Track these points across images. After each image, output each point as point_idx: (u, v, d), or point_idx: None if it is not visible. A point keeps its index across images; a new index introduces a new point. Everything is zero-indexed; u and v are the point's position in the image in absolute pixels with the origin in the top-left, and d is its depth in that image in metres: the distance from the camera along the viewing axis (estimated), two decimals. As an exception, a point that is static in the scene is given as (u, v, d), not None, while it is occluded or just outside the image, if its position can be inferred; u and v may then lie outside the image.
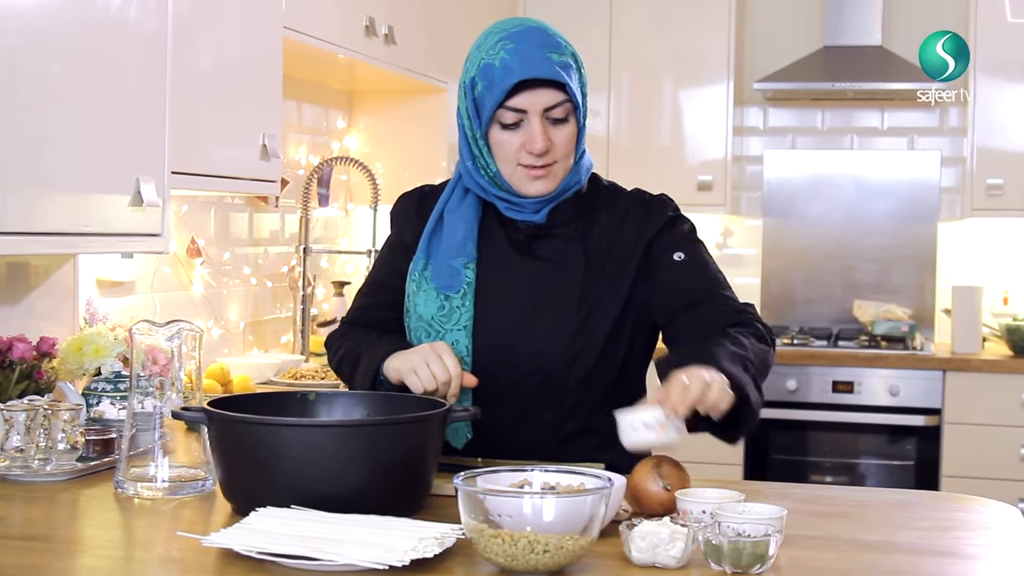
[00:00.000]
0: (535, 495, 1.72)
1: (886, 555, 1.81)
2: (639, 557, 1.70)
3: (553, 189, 2.21)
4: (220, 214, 3.93)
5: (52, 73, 2.39)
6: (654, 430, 1.93)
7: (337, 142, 4.72)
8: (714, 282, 2.27)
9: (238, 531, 1.74)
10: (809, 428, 5.12)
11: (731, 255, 5.75)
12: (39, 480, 2.24)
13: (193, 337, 2.20)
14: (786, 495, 2.19)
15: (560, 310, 2.22)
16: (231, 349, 3.96)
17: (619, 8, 5.49)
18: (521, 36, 2.14)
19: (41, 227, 2.38)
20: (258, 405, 2.05)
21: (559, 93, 2.14)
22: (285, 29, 3.39)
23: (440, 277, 2.24)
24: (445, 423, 2.03)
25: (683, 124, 5.50)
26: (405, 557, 1.62)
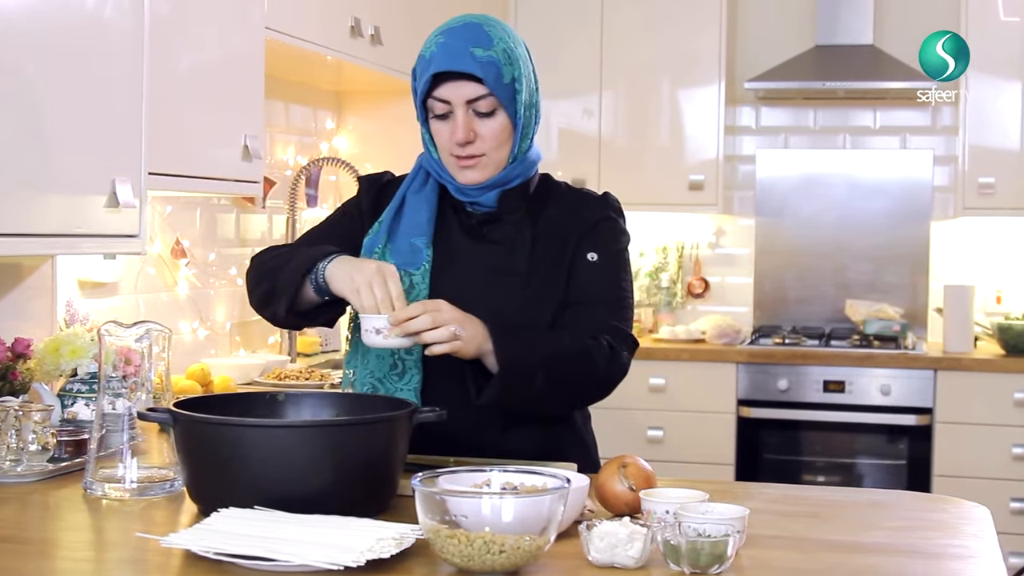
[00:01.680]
0: (492, 495, 1.71)
1: (851, 555, 1.81)
2: (597, 557, 1.70)
3: (485, 179, 2.29)
4: (206, 215, 3.93)
5: (26, 73, 2.38)
6: (382, 335, 2.09)
7: (326, 143, 4.72)
8: (608, 295, 2.33)
9: (197, 532, 1.74)
10: (800, 428, 5.12)
11: (723, 255, 5.75)
12: (9, 481, 2.23)
13: (163, 338, 2.19)
14: (755, 495, 2.19)
15: (509, 288, 2.30)
16: (217, 350, 3.96)
17: (611, 8, 5.48)
18: (454, 31, 2.23)
19: (16, 228, 2.38)
20: (226, 406, 2.05)
21: (481, 87, 2.21)
22: (267, 30, 3.39)
23: (401, 254, 2.31)
24: (411, 424, 2.02)
25: (675, 124, 5.49)
26: (361, 558, 1.62)
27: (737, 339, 5.28)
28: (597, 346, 2.25)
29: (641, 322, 5.60)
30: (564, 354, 2.22)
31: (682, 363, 5.18)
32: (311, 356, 4.25)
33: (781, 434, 5.15)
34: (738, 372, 5.11)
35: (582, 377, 2.26)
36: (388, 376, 2.29)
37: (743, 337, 5.35)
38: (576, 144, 5.55)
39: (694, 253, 5.76)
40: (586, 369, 2.24)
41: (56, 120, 2.46)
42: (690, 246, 5.76)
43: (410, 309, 2.08)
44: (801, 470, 5.15)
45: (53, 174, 2.46)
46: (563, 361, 2.21)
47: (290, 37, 3.54)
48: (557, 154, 5.59)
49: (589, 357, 2.23)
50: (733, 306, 5.71)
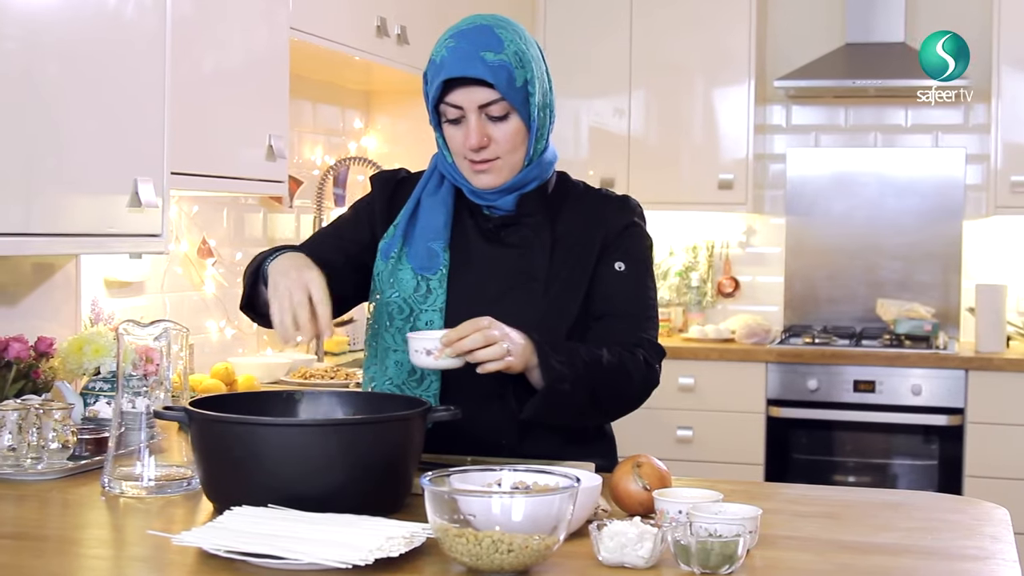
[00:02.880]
0: (502, 495, 1.71)
1: (863, 556, 1.80)
2: (607, 557, 1.70)
3: (500, 183, 2.27)
4: (233, 215, 3.95)
5: (49, 74, 2.41)
6: (432, 356, 2.07)
7: (354, 142, 4.74)
8: (637, 307, 2.32)
9: (209, 530, 1.74)
10: (830, 428, 5.09)
11: (754, 254, 5.73)
12: (30, 479, 2.25)
13: (181, 337, 2.21)
14: (773, 495, 2.18)
15: (528, 293, 2.27)
16: (245, 349, 3.98)
17: (640, 7, 5.47)
18: (464, 34, 2.21)
19: (40, 228, 2.40)
20: (243, 405, 2.06)
21: (492, 91, 2.19)
22: (292, 30, 3.40)
23: (418, 258, 2.29)
24: (425, 423, 2.02)
25: (705, 123, 5.47)
26: (369, 556, 1.62)
27: (767, 339, 5.26)
28: (633, 360, 2.24)
29: (671, 322, 5.59)
30: (604, 369, 2.20)
31: (711, 363, 5.16)
32: (338, 355, 4.26)
33: (811, 434, 5.13)
34: (767, 372, 5.09)
35: (620, 391, 2.25)
36: (407, 382, 2.28)
37: (773, 337, 5.33)
38: (606, 143, 5.55)
39: (724, 252, 5.74)
40: (624, 383, 2.24)
41: (79, 120, 2.48)
42: (720, 245, 5.74)
43: (460, 329, 2.05)
44: (831, 470, 5.13)
45: (76, 174, 2.48)
46: (603, 376, 2.19)
47: (315, 37, 3.55)
48: (587, 153, 5.59)
49: (626, 371, 2.23)
50: (763, 305, 5.68)
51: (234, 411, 1.99)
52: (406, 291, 2.29)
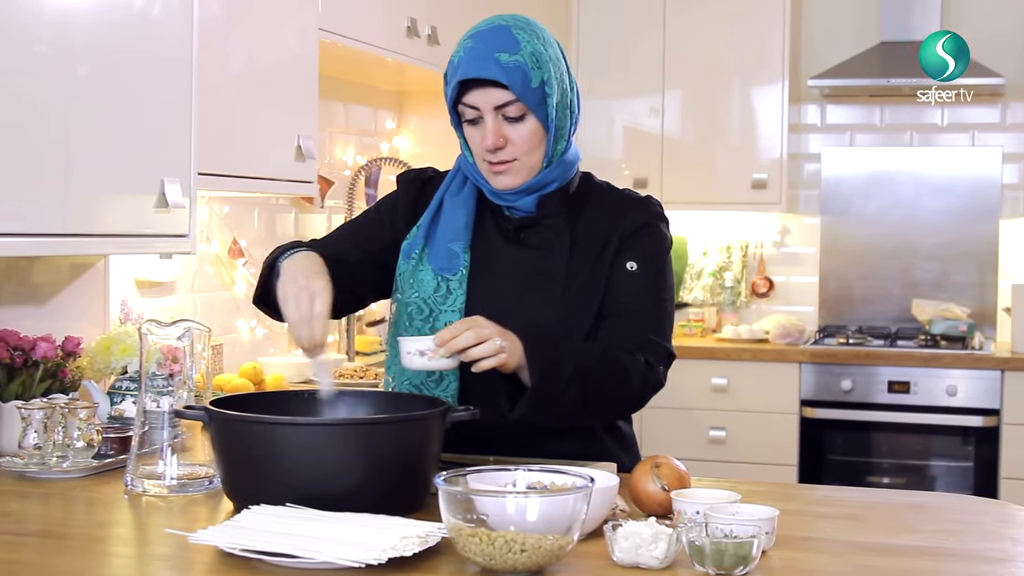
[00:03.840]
0: (516, 494, 1.71)
1: (881, 557, 1.78)
2: (622, 557, 1.69)
3: (518, 184, 2.26)
4: (264, 215, 3.96)
5: (79, 76, 2.42)
6: (425, 356, 2.06)
7: (386, 143, 4.75)
8: (647, 308, 2.30)
9: (226, 528, 1.75)
10: (865, 429, 5.06)
11: (789, 253, 5.70)
12: (55, 477, 2.27)
13: (203, 337, 2.22)
14: (795, 496, 2.17)
15: (547, 294, 2.27)
16: (276, 349, 3.99)
17: (673, 6, 5.46)
18: (481, 35, 2.20)
19: (68, 229, 2.42)
20: (263, 404, 2.06)
21: (508, 92, 2.18)
22: (321, 31, 3.41)
23: (439, 259, 2.29)
24: (444, 423, 2.02)
25: (738, 122, 5.45)
26: (382, 555, 1.62)
27: (800, 339, 5.24)
28: (633, 361, 2.22)
29: (704, 322, 5.58)
30: (598, 369, 2.18)
31: (744, 363, 5.14)
32: (369, 355, 4.27)
33: (845, 435, 5.10)
34: (801, 372, 5.07)
35: (616, 393, 2.23)
36: (426, 383, 2.28)
37: (807, 337, 5.31)
38: (640, 143, 5.54)
39: (758, 252, 5.72)
40: (620, 385, 2.21)
41: (107, 121, 2.49)
42: (754, 245, 5.71)
43: (452, 328, 2.05)
44: (866, 472, 5.10)
45: (105, 175, 2.50)
46: (597, 376, 2.18)
47: (344, 38, 3.56)
48: (621, 153, 5.58)
49: (624, 372, 2.21)
50: (798, 306, 5.66)
51: (255, 410, 2.00)
52: (426, 292, 2.29)
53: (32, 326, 2.70)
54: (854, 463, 5.10)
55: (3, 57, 2.25)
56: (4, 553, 1.83)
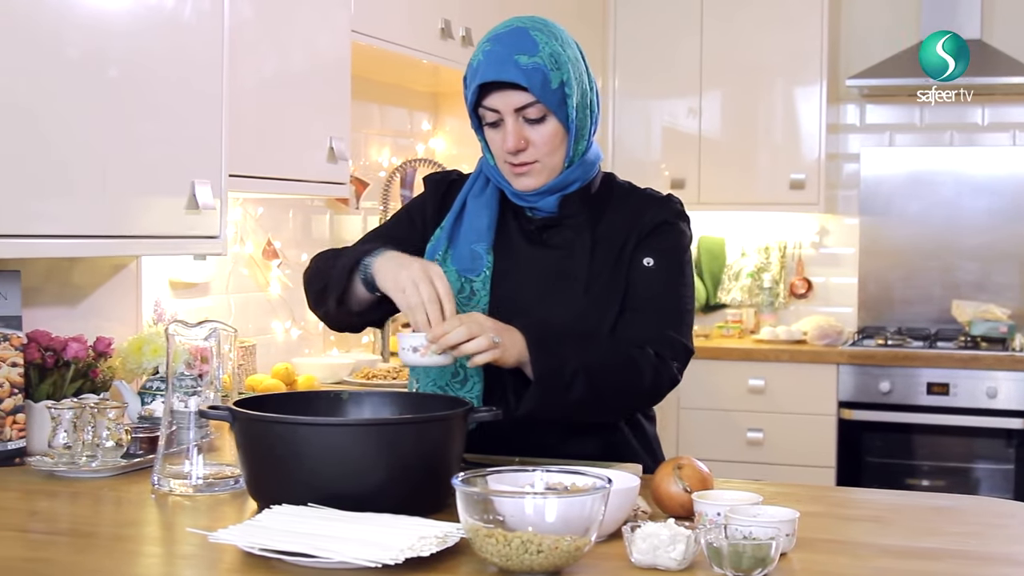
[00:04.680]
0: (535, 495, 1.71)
1: (901, 560, 1.77)
2: (640, 559, 1.69)
3: (540, 185, 2.27)
4: (299, 216, 3.98)
5: (110, 79, 2.45)
6: (418, 352, 2.07)
7: (422, 144, 4.76)
8: (662, 303, 2.29)
9: (246, 528, 1.76)
10: (903, 431, 5.02)
11: (828, 254, 5.67)
12: (84, 476, 2.30)
13: (229, 337, 2.23)
14: (821, 498, 2.16)
15: (569, 293, 2.27)
16: (311, 349, 4.01)
17: (711, 6, 5.44)
18: (500, 38, 2.20)
19: (99, 230, 2.45)
20: (288, 404, 2.08)
21: (528, 95, 2.18)
22: (354, 33, 3.42)
23: (462, 260, 2.31)
24: (465, 423, 2.03)
25: (776, 122, 5.43)
26: (399, 556, 1.63)
27: (839, 340, 5.20)
28: (643, 355, 2.21)
29: (743, 323, 5.56)
30: (604, 364, 2.17)
31: (782, 364, 5.12)
32: (404, 356, 4.28)
33: (884, 437, 5.06)
34: (839, 374, 5.04)
35: (624, 387, 2.22)
36: (451, 384, 2.29)
37: (845, 338, 5.27)
38: (678, 143, 5.53)
39: (796, 253, 5.69)
40: (629, 379, 2.20)
41: (137, 123, 2.52)
42: (792, 246, 5.69)
43: (445, 324, 2.06)
44: (905, 474, 5.06)
45: (135, 177, 2.52)
46: (603, 371, 2.17)
47: (377, 40, 3.57)
48: (660, 154, 5.57)
49: (633, 366, 2.20)
50: (837, 307, 5.62)
51: (278, 411, 2.01)
52: None
53: (66, 326, 2.73)
54: (893, 465, 5.06)
55: (36, 62, 2.28)
56: (31, 551, 1.85)
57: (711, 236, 5.77)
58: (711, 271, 5.74)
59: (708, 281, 5.74)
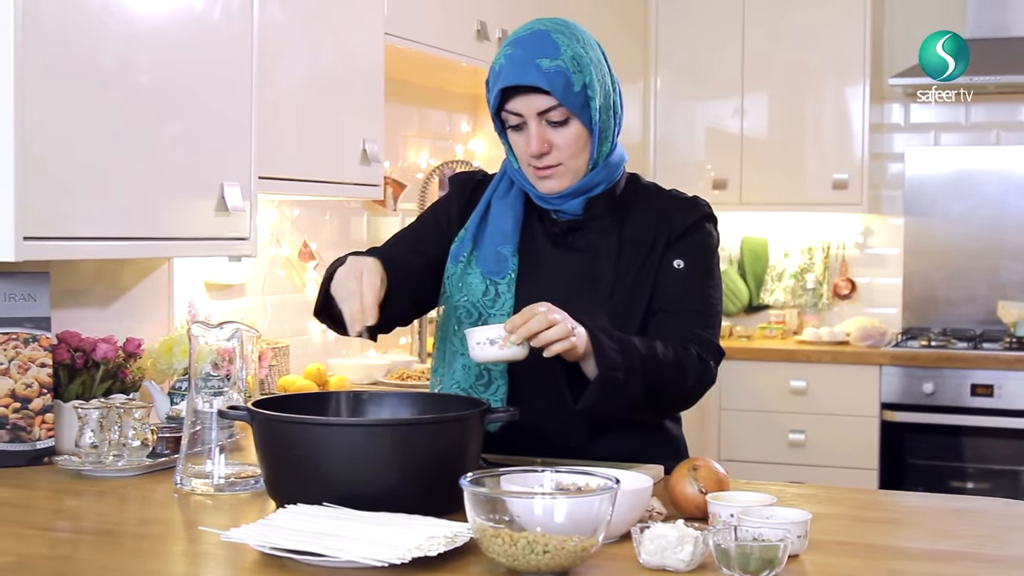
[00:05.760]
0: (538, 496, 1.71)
1: (914, 562, 1.76)
2: (648, 560, 1.69)
3: (564, 188, 2.27)
4: (337, 218, 4.01)
5: (142, 83, 2.48)
6: (496, 345, 2.03)
7: (461, 146, 4.77)
8: (694, 305, 2.29)
9: (258, 527, 1.78)
10: (947, 433, 4.97)
11: (872, 255, 5.63)
12: (110, 475, 2.33)
13: (252, 338, 2.25)
14: (840, 499, 2.14)
15: (594, 296, 2.26)
16: (348, 350, 4.03)
17: (753, 5, 5.42)
18: (520, 41, 2.21)
19: (132, 232, 2.48)
20: (308, 405, 2.10)
21: (550, 98, 2.18)
22: (388, 35, 3.44)
23: (487, 262, 2.31)
24: (482, 423, 2.03)
25: (819, 122, 5.40)
26: (406, 555, 1.63)
27: (882, 341, 5.16)
28: (687, 355, 2.22)
29: (786, 324, 5.53)
30: (659, 362, 2.17)
31: (824, 365, 5.09)
32: (442, 357, 4.29)
33: (927, 439, 5.01)
34: (882, 375, 5.00)
35: (673, 386, 2.22)
36: (475, 386, 2.30)
37: (888, 339, 5.23)
38: (720, 144, 5.51)
39: (840, 254, 5.65)
40: (678, 378, 2.21)
41: (167, 126, 2.55)
42: (836, 246, 5.65)
43: (521, 314, 2.04)
44: (948, 476, 5.01)
45: (166, 179, 2.55)
46: (658, 369, 2.16)
47: (411, 42, 3.58)
48: (703, 155, 5.56)
49: (681, 366, 2.20)
50: (881, 308, 5.58)
51: (299, 411, 2.03)
52: (475, 295, 2.30)
53: (99, 327, 2.76)
54: (937, 468, 5.01)
55: (70, 68, 2.31)
56: (54, 549, 1.88)
57: (754, 237, 5.74)
58: (754, 272, 5.71)
59: (751, 282, 5.71)
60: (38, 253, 2.26)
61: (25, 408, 2.45)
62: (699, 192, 2.46)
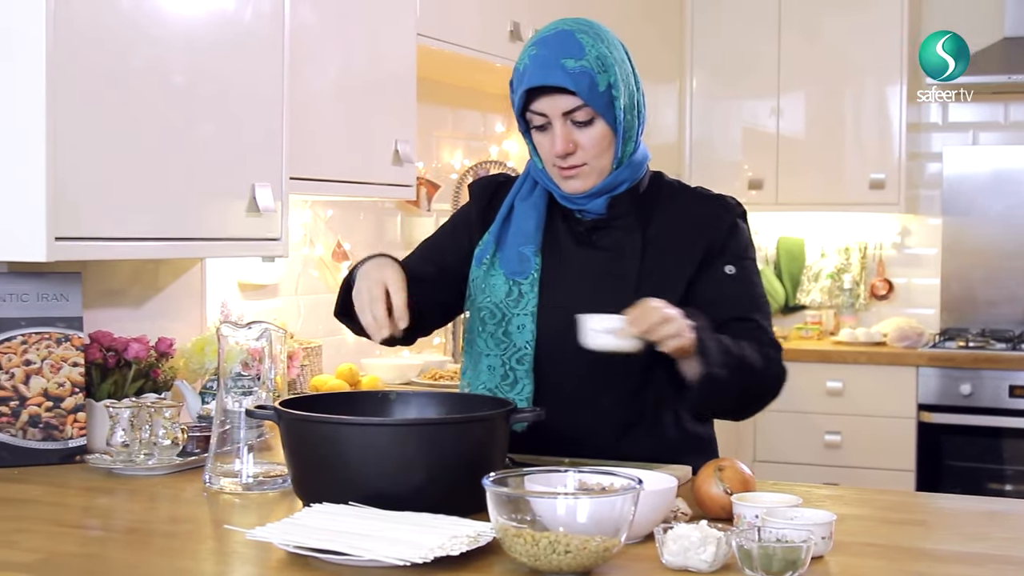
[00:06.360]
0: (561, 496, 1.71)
1: (939, 564, 1.75)
2: (671, 560, 1.69)
3: (588, 187, 2.27)
4: (370, 218, 4.02)
5: (175, 85, 2.49)
6: (614, 335, 2.04)
7: (495, 146, 4.77)
8: (753, 305, 2.30)
9: (284, 526, 1.79)
10: (985, 434, 4.92)
11: (910, 255, 5.59)
12: (140, 473, 2.35)
13: (280, 338, 2.26)
14: (869, 501, 2.13)
15: (619, 295, 2.24)
16: (382, 351, 4.04)
17: (788, 5, 5.40)
18: (545, 41, 2.20)
19: (164, 233, 2.49)
20: (335, 404, 2.10)
21: (575, 98, 2.18)
22: (420, 36, 3.44)
23: (510, 263, 2.31)
24: (508, 423, 2.04)
25: (855, 122, 5.37)
26: (429, 555, 1.64)
27: (919, 342, 5.13)
28: (768, 358, 2.23)
29: (822, 324, 5.50)
30: (750, 362, 2.18)
31: (860, 366, 5.06)
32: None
33: (965, 441, 4.97)
34: (919, 376, 4.96)
35: (762, 386, 2.25)
36: (500, 386, 2.30)
37: (925, 340, 5.19)
38: (757, 144, 5.49)
39: (877, 254, 5.62)
40: (765, 378, 2.24)
41: (199, 127, 2.56)
42: (873, 247, 5.62)
43: (639, 308, 2.04)
44: (988, 478, 4.96)
45: (197, 180, 2.56)
46: (749, 369, 2.18)
47: (444, 43, 3.59)
48: (740, 154, 5.54)
49: (767, 367, 2.22)
50: (919, 308, 5.54)
51: (327, 410, 2.03)
52: (498, 296, 2.31)
53: (130, 327, 2.78)
54: (975, 469, 4.97)
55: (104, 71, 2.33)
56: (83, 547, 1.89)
57: (790, 237, 5.71)
58: (790, 272, 5.69)
59: (787, 282, 5.68)
60: (69, 253, 2.28)
61: (57, 407, 2.47)
62: (735, 192, 2.46)
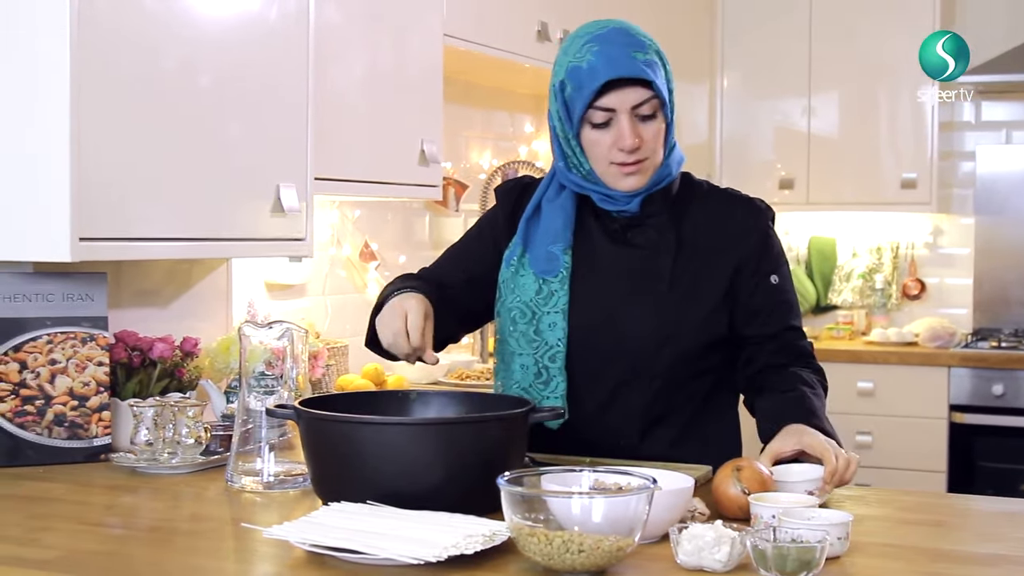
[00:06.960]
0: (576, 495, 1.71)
1: (955, 565, 1.74)
2: (685, 560, 1.69)
3: (645, 184, 2.27)
4: (398, 218, 4.03)
5: (201, 86, 2.51)
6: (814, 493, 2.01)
7: (524, 146, 4.78)
8: (794, 311, 2.37)
9: (301, 524, 1.80)
10: (1018, 435, 4.89)
11: (942, 255, 5.56)
12: (164, 472, 2.36)
13: (301, 338, 2.28)
14: (889, 501, 2.12)
15: (652, 292, 2.28)
16: (409, 351, 4.05)
17: (819, 4, 5.38)
18: (605, 37, 2.19)
19: (189, 233, 2.51)
20: (355, 404, 2.11)
21: (645, 90, 2.18)
22: (447, 37, 3.45)
23: (539, 262, 2.32)
24: (527, 423, 2.04)
25: (887, 121, 5.34)
26: (443, 553, 1.64)
27: (951, 342, 5.09)
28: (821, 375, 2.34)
29: (854, 324, 5.48)
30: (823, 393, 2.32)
31: (891, 366, 5.03)
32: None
33: (997, 441, 4.93)
34: (950, 376, 4.93)
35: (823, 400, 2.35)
36: (534, 385, 2.31)
37: (957, 340, 5.16)
38: (788, 143, 5.47)
39: (909, 253, 5.59)
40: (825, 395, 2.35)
41: (224, 128, 2.58)
42: (905, 246, 5.59)
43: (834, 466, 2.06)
44: (1019, 479, 4.91)
45: (223, 181, 2.58)
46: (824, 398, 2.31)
47: (471, 43, 3.60)
48: (771, 154, 5.53)
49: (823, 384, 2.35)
50: (951, 308, 5.51)
51: (347, 410, 2.04)
52: (527, 295, 2.31)
53: (156, 327, 2.80)
54: (1008, 470, 4.93)
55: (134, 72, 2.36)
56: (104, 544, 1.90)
57: (821, 236, 5.69)
58: (821, 272, 5.66)
59: (818, 282, 5.66)
60: (93, 254, 2.29)
61: (82, 406, 2.50)
62: (765, 192, 2.48)
